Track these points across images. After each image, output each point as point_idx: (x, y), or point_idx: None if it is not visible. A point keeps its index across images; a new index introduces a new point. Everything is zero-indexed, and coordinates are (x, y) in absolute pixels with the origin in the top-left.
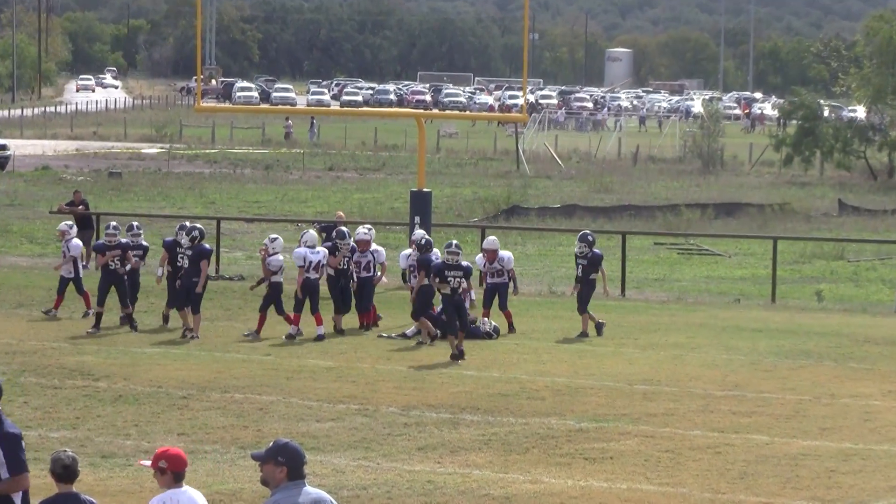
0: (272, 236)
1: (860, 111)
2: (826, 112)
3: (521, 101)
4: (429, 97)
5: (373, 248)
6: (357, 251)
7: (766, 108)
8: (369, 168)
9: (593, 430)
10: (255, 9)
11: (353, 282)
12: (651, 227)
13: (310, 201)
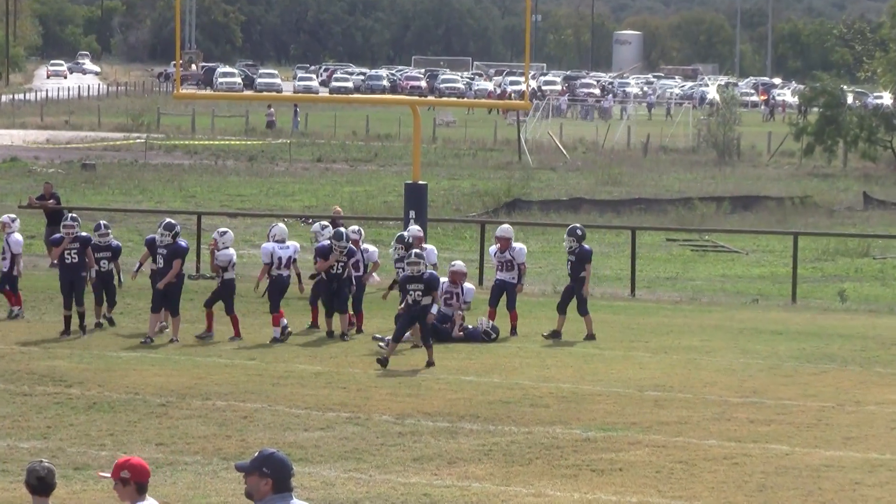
0: (221, 230)
1: (886, 97)
2: (850, 99)
3: (523, 87)
4: (424, 83)
5: (363, 248)
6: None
7: (786, 94)
8: (360, 159)
9: (601, 440)
10: None
11: (353, 287)
12: (663, 222)
13: (297, 195)
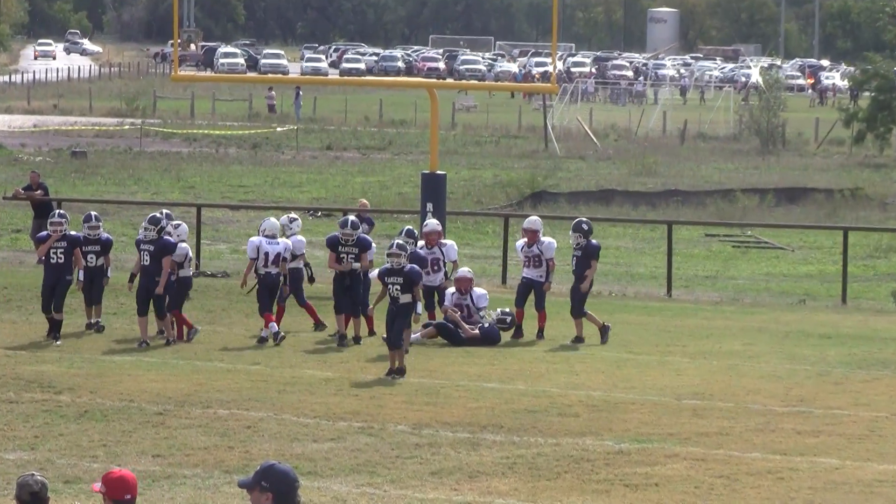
0: (175, 222)
1: None
2: None
3: (549, 68)
4: (442, 65)
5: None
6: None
7: (835, 77)
8: (373, 147)
9: (635, 453)
10: None
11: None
12: (701, 217)
13: (304, 185)
